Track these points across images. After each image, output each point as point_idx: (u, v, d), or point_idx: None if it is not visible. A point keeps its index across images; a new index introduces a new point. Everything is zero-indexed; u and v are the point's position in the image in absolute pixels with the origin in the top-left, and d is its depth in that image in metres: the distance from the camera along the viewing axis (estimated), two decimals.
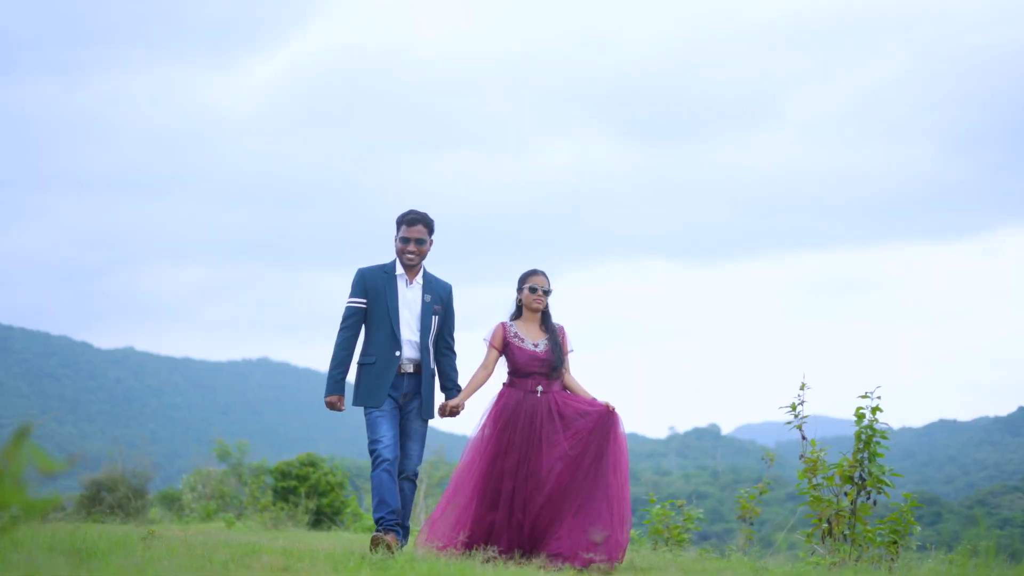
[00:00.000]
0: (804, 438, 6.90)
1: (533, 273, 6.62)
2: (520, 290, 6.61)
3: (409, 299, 6.49)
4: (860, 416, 6.69)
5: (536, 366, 6.43)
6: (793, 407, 6.95)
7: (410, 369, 6.41)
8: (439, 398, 6.59)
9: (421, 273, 6.58)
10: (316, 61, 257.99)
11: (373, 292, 6.47)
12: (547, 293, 6.57)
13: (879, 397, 6.72)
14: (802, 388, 6.97)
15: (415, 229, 6.51)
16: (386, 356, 6.38)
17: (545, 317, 6.61)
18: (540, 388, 6.41)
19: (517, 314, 6.63)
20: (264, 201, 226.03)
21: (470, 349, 6.75)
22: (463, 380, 6.63)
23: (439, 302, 6.57)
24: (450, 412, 6.48)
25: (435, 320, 6.53)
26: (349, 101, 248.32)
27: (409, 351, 6.43)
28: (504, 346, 6.52)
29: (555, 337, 6.54)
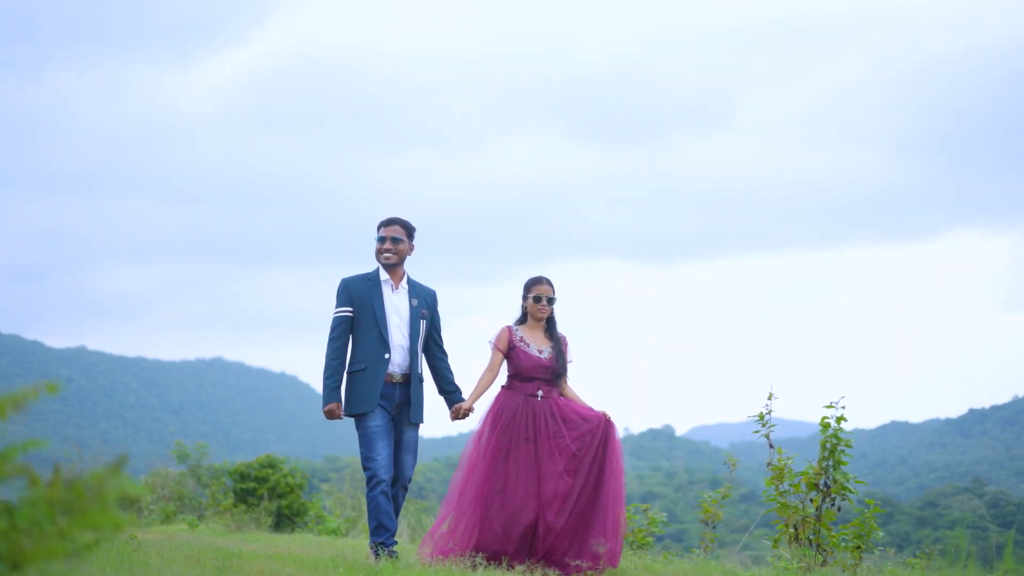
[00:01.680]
0: (772, 447, 7.05)
1: (538, 282, 6.63)
2: (525, 298, 6.63)
3: (397, 304, 6.50)
4: (825, 426, 6.82)
5: (539, 372, 6.46)
6: (761, 417, 7.08)
7: (399, 379, 6.41)
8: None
9: (405, 279, 6.60)
10: (274, 60, 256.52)
11: (359, 300, 6.46)
12: (551, 302, 6.61)
13: (843, 407, 6.83)
14: (770, 398, 7.11)
15: (391, 229, 6.55)
16: (375, 361, 6.35)
17: (550, 324, 6.66)
18: (540, 393, 6.44)
19: (522, 320, 6.66)
20: (218, 200, 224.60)
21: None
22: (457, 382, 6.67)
23: (426, 307, 6.60)
24: (463, 414, 6.51)
25: (423, 324, 6.56)
26: (307, 101, 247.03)
27: (399, 356, 6.43)
28: (509, 350, 6.54)
29: (559, 346, 6.57)
